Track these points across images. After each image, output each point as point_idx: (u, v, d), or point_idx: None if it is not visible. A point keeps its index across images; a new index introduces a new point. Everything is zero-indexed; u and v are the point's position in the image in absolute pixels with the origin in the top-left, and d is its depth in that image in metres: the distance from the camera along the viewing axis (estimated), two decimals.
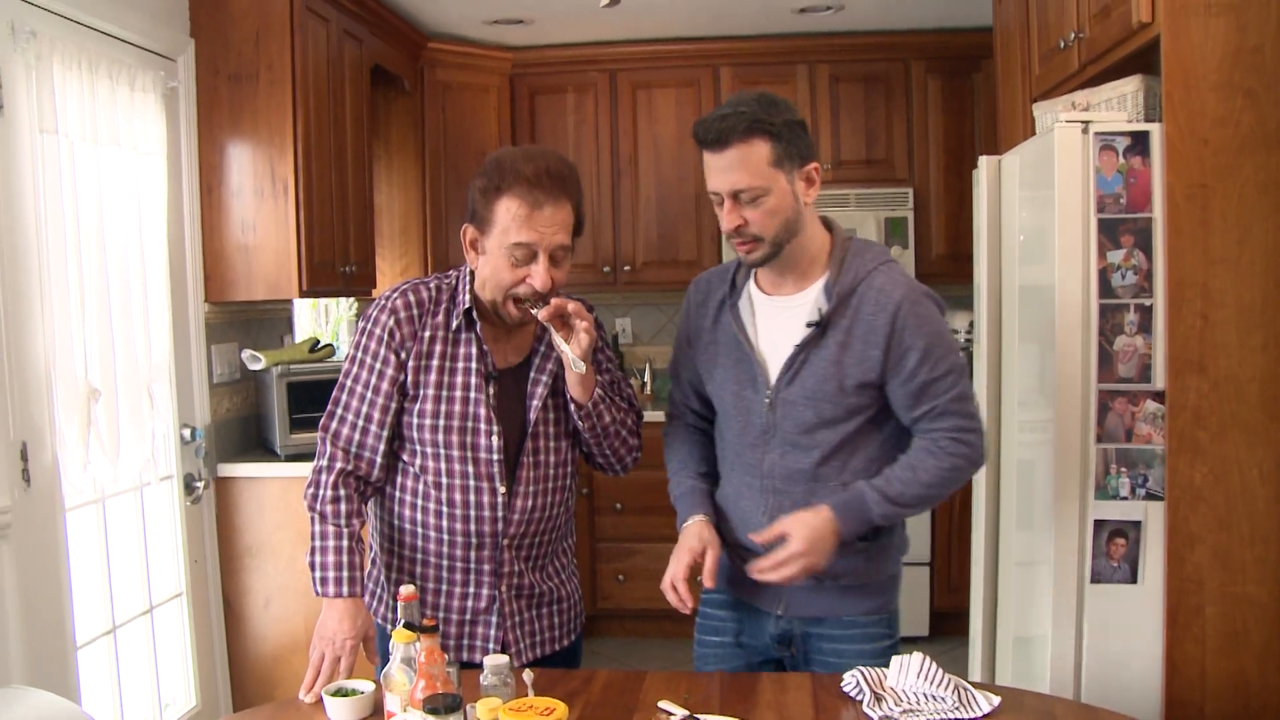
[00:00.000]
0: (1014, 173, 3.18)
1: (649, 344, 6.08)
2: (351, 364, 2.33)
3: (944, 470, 2.20)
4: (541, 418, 2.34)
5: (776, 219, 2.18)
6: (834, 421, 2.23)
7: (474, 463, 2.29)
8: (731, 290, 2.36)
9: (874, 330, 2.18)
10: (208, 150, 3.90)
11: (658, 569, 2.29)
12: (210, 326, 3.97)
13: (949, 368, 2.20)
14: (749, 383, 2.30)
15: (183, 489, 3.76)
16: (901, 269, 2.27)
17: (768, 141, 2.14)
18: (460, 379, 2.29)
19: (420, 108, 5.31)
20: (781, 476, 2.28)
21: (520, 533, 2.33)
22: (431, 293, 2.33)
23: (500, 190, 2.18)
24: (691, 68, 5.53)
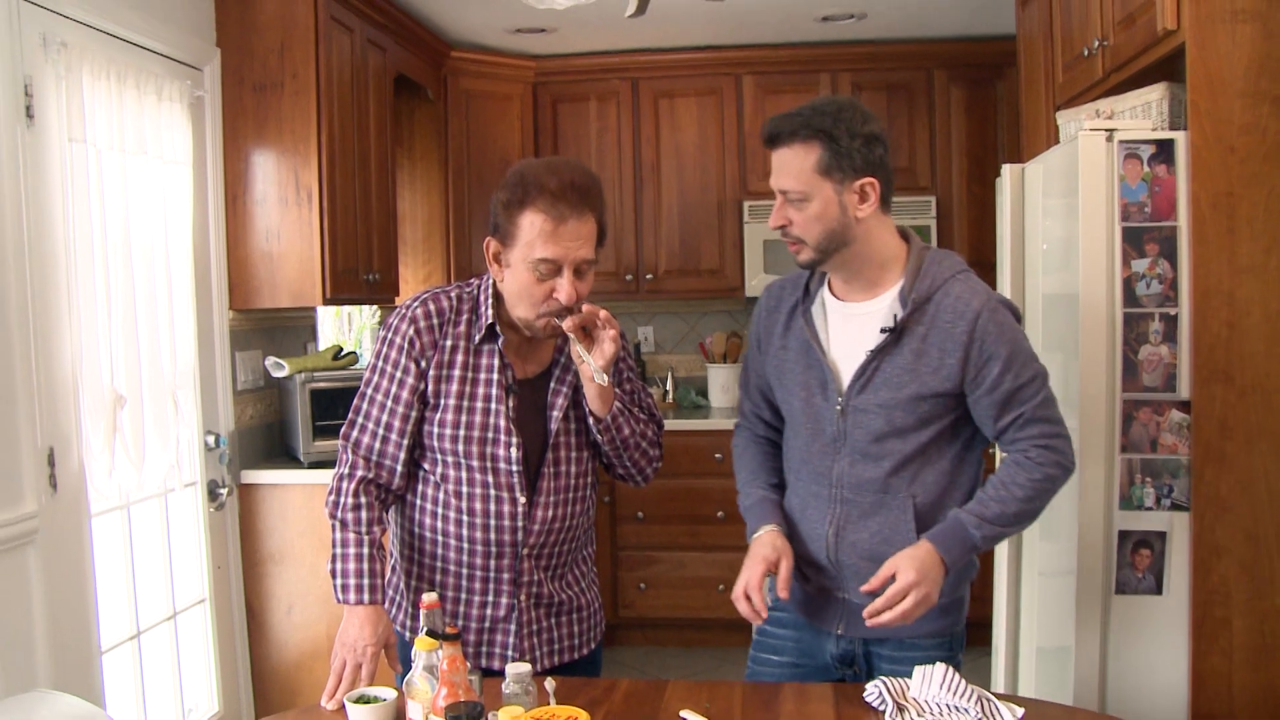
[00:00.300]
0: (1038, 181, 3.16)
1: (671, 353, 6.07)
2: (372, 373, 2.33)
3: (1037, 481, 2.16)
4: (562, 429, 2.34)
5: (818, 226, 2.17)
6: (905, 430, 2.19)
7: (494, 473, 2.28)
8: (805, 296, 2.34)
9: (952, 338, 2.15)
10: (233, 159, 3.92)
11: (679, 577, 2.28)
12: (234, 334, 3.98)
13: (1033, 374, 2.17)
14: (819, 389, 2.27)
15: (206, 495, 3.77)
16: (980, 280, 2.22)
17: (819, 147, 2.13)
18: (481, 390, 2.28)
19: (444, 116, 5.32)
20: (850, 486, 2.25)
21: (540, 542, 2.33)
22: (452, 302, 2.32)
23: (524, 204, 2.17)
24: (713, 76, 5.53)
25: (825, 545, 2.27)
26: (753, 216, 5.43)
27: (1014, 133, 5.04)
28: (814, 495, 2.30)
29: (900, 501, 2.21)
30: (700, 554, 5.26)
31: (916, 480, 2.21)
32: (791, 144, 2.16)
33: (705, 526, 5.26)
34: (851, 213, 2.16)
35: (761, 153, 5.43)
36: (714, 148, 5.55)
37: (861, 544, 2.23)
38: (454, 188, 5.36)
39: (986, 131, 5.38)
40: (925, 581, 2.09)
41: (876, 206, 2.18)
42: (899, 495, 2.21)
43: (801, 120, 2.15)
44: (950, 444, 2.23)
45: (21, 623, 2.81)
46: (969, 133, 5.39)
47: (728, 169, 5.55)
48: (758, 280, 5.43)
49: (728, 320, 6.02)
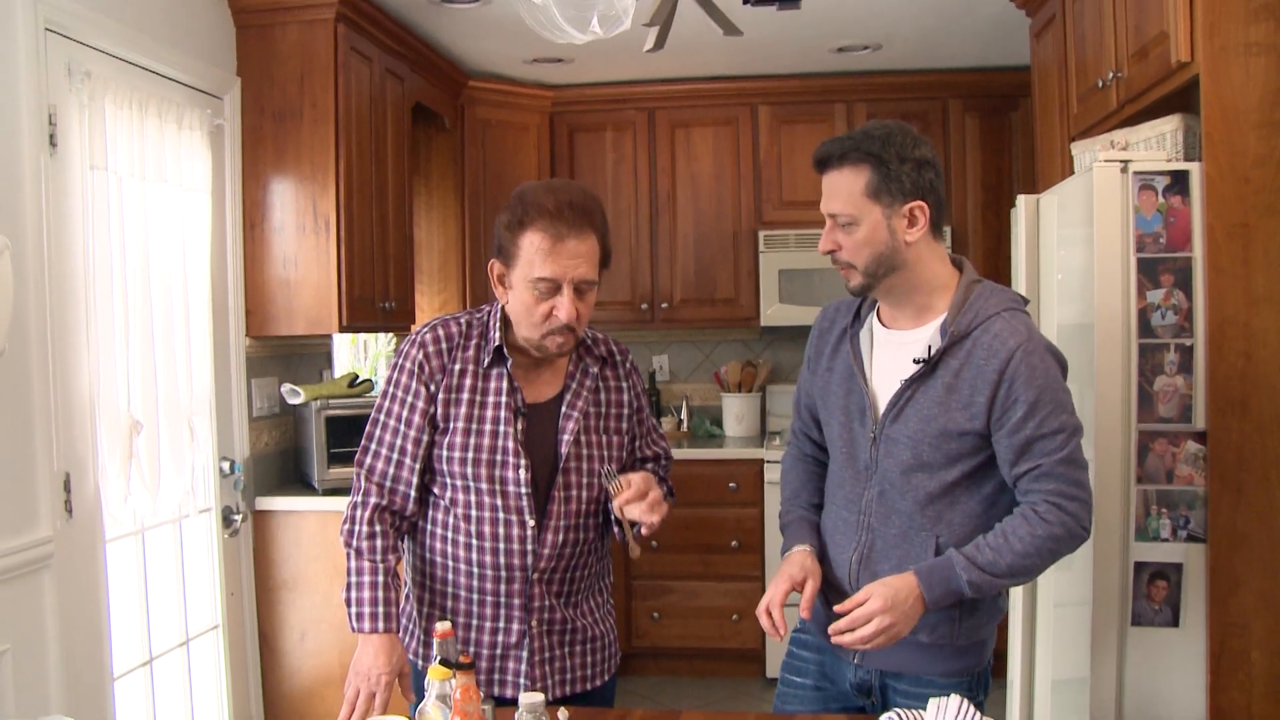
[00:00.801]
0: (1052, 212, 3.16)
1: (685, 381, 6.07)
2: (384, 399, 2.35)
3: (1039, 539, 2.08)
4: (574, 453, 2.34)
5: (866, 250, 2.16)
6: (931, 466, 2.16)
7: (502, 495, 2.29)
8: (855, 320, 2.34)
9: (982, 376, 2.11)
10: (251, 186, 3.94)
11: (693, 607, 2.28)
12: (251, 360, 3.99)
13: (1058, 427, 2.09)
14: (858, 415, 2.26)
15: (220, 522, 3.77)
16: (1028, 320, 2.18)
17: (868, 170, 2.13)
18: (490, 413, 2.30)
19: (460, 145, 5.35)
20: (878, 515, 2.23)
21: (550, 567, 2.32)
22: (461, 327, 2.36)
23: (524, 224, 2.21)
24: (729, 106, 5.54)
25: (848, 572, 2.26)
26: (768, 246, 5.42)
27: (1029, 163, 5.03)
28: (843, 521, 2.29)
29: (924, 539, 2.18)
30: (714, 584, 5.23)
31: (941, 520, 2.18)
32: (841, 167, 2.16)
33: (719, 556, 5.24)
34: (900, 237, 2.15)
35: (777, 182, 5.49)
36: (729, 177, 5.56)
37: (883, 575, 2.19)
38: (470, 216, 5.37)
39: (1001, 162, 5.38)
40: (892, 612, 2.07)
41: (926, 231, 2.17)
42: (922, 533, 2.19)
43: (851, 143, 2.15)
44: (979, 486, 2.19)
45: (35, 648, 2.81)
46: (984, 163, 5.39)
47: (743, 198, 5.55)
48: (773, 310, 5.43)
49: (742, 350, 6.01)
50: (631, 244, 5.60)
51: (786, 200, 5.52)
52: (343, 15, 3.94)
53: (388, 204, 4.40)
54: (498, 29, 4.58)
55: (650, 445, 2.54)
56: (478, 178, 5.40)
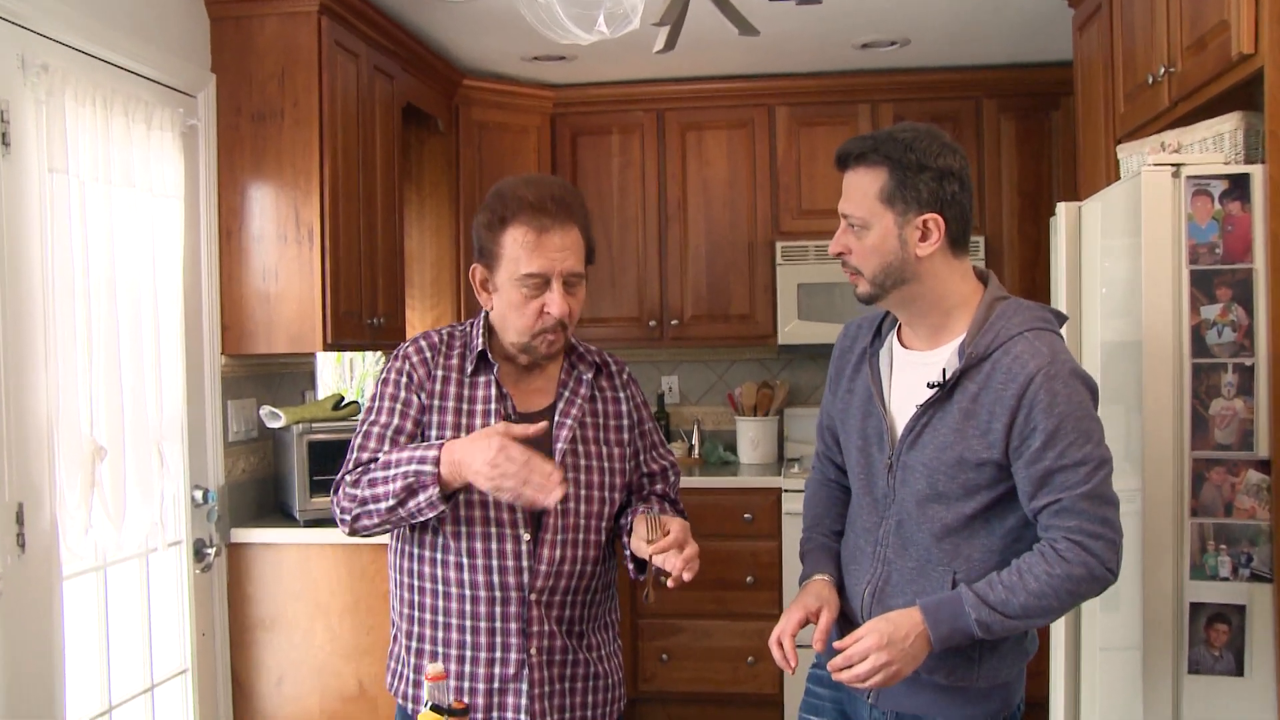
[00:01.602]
0: (1096, 220, 3.15)
1: (697, 404, 6.06)
2: (370, 412, 2.38)
3: (1056, 579, 2.07)
4: (571, 463, 2.37)
5: (875, 258, 2.19)
6: (948, 497, 2.17)
7: (493, 506, 2.31)
8: (875, 339, 2.37)
9: (1000, 402, 2.10)
10: (228, 192, 3.93)
11: (704, 648, 2.28)
12: (227, 381, 3.97)
13: (1081, 459, 2.08)
14: (876, 440, 2.29)
15: (192, 556, 3.74)
16: (1056, 341, 2.16)
17: (884, 174, 2.15)
18: (479, 421, 2.34)
19: (455, 149, 5.35)
20: (894, 547, 2.25)
21: (548, 586, 2.34)
22: (443, 337, 2.43)
23: (505, 221, 2.27)
24: (745, 107, 5.54)
25: (861, 605, 2.28)
26: (786, 258, 5.42)
27: (1070, 168, 4.96)
28: (860, 551, 2.31)
29: (940, 574, 2.18)
30: (727, 623, 5.21)
31: (959, 555, 2.18)
32: (858, 167, 2.19)
33: (733, 593, 5.21)
34: (911, 249, 2.16)
35: (795, 189, 5.51)
36: (745, 184, 5.56)
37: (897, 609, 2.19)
38: (465, 225, 5.35)
39: (1040, 166, 5.37)
40: (889, 649, 2.08)
41: (939, 246, 2.17)
42: (939, 568, 2.19)
43: (873, 143, 2.17)
44: (1000, 519, 2.18)
45: None
46: (1021, 168, 5.38)
47: (759, 207, 5.55)
48: (791, 327, 5.41)
49: (758, 370, 6.00)
50: (639, 256, 5.61)
51: (806, 209, 5.52)
52: (327, 8, 3.93)
53: (376, 212, 4.39)
54: (495, 24, 4.58)
55: (656, 459, 2.58)
56: (473, 184, 5.39)
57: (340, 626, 3.89)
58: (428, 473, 2.18)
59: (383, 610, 3.85)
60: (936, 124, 5.46)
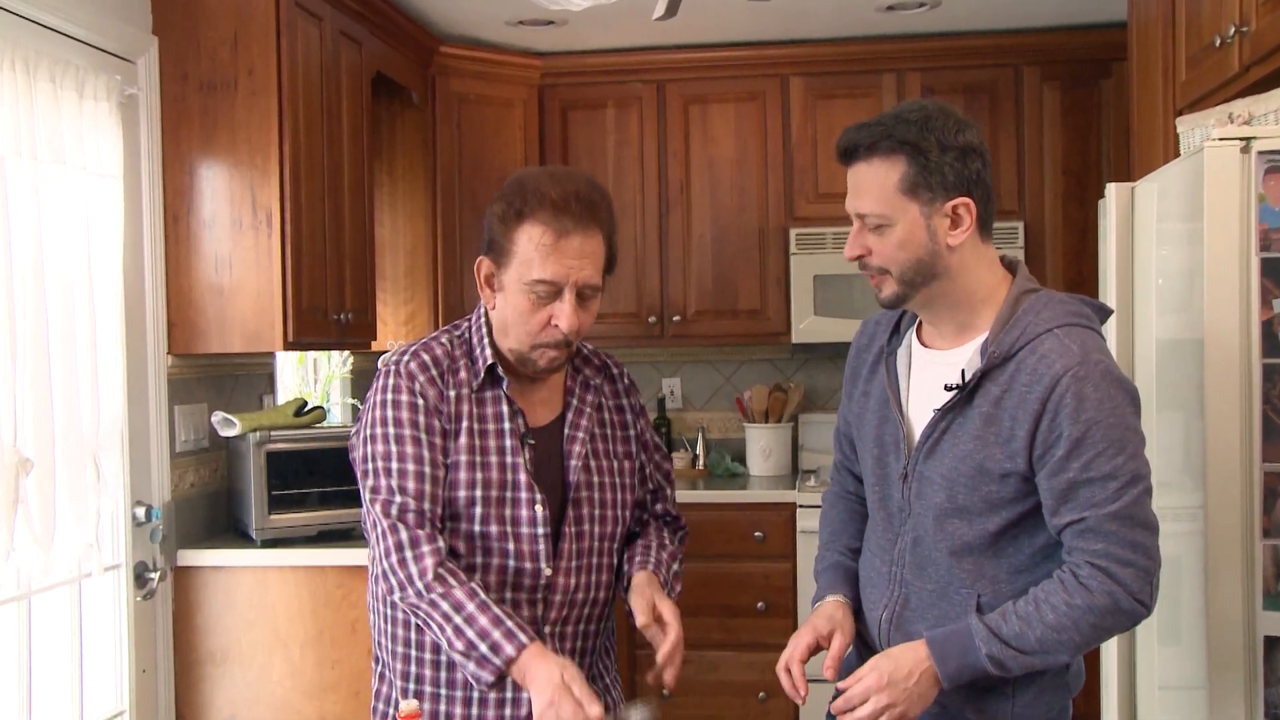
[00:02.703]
0: (1151, 203, 3.12)
1: (702, 409, 6.06)
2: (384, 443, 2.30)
3: (1077, 610, 2.07)
4: (583, 480, 2.40)
5: (903, 255, 2.18)
6: (969, 512, 2.17)
7: (514, 539, 2.31)
8: (892, 337, 2.38)
9: (1024, 406, 2.10)
10: (174, 171, 3.90)
11: (711, 682, 2.31)
12: (173, 384, 3.95)
13: (1110, 472, 2.06)
14: (892, 447, 2.30)
15: (132, 581, 3.71)
16: (1090, 339, 2.15)
17: (903, 162, 2.14)
18: (494, 442, 2.34)
19: (431, 124, 5.34)
20: (911, 567, 2.26)
21: (563, 616, 2.37)
22: (445, 347, 2.38)
23: (522, 216, 2.25)
24: (755, 78, 5.53)
25: (879, 632, 2.30)
26: (801, 247, 5.40)
27: (1122, 144, 4.98)
28: (876, 571, 2.33)
29: (963, 597, 2.19)
30: (736, 654, 5.20)
31: (983, 575, 2.19)
32: (870, 158, 2.17)
33: (743, 620, 5.21)
34: (942, 239, 2.16)
35: (812, 170, 5.52)
36: (755, 164, 5.56)
37: (916, 636, 2.20)
38: (443, 211, 5.36)
39: (1088, 142, 5.35)
40: (891, 690, 2.10)
41: (972, 232, 2.17)
42: (962, 590, 2.20)
43: (882, 130, 2.15)
44: (1029, 536, 2.18)
45: None
46: (1066, 144, 5.36)
47: (771, 190, 5.54)
48: (807, 324, 5.41)
49: (770, 371, 6.00)
50: (637, 244, 5.60)
51: (823, 192, 5.50)
52: None
53: (343, 195, 4.38)
54: None
55: (657, 470, 2.61)
56: (452, 164, 5.38)
57: (302, 660, 3.86)
58: (494, 664, 2.17)
59: (349, 642, 3.83)
60: (971, 95, 5.56)
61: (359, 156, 4.52)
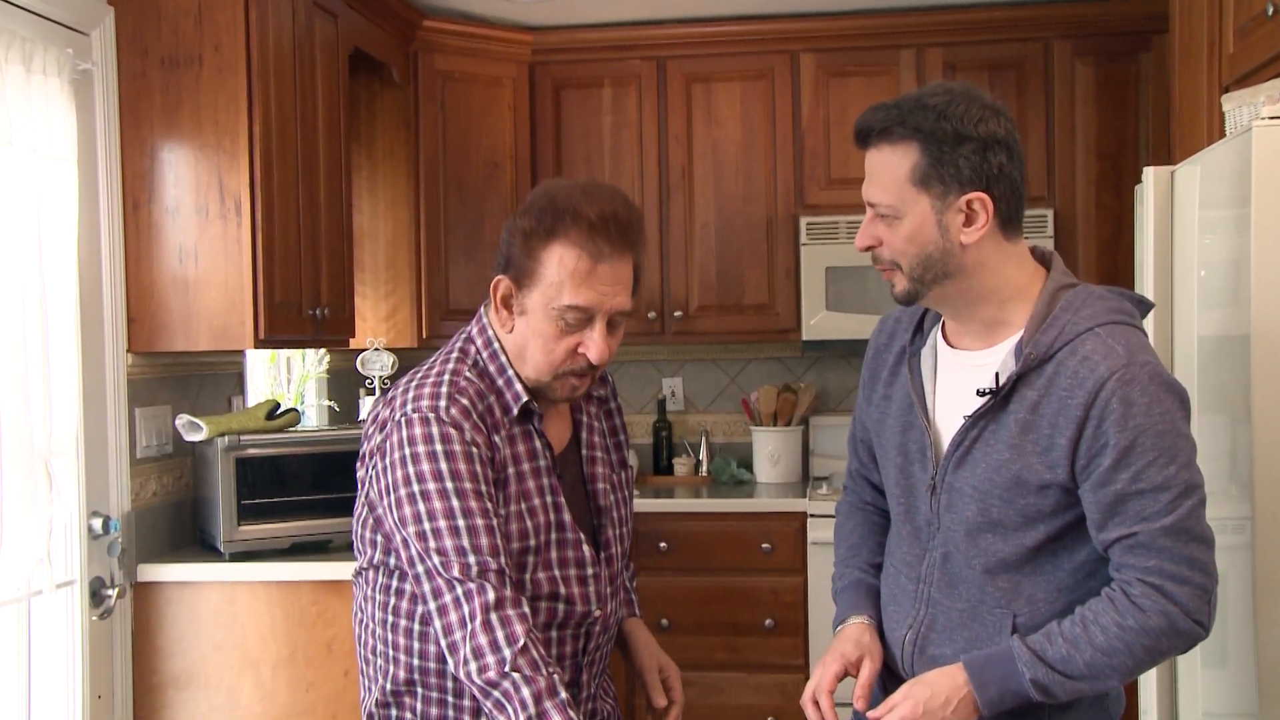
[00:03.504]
0: (1193, 187, 3.12)
1: (705, 411, 6.07)
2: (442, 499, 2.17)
3: (1129, 632, 2.06)
4: (607, 505, 2.43)
5: (912, 250, 2.17)
6: (1004, 527, 2.16)
7: (564, 583, 2.29)
8: (915, 336, 2.38)
9: (1065, 412, 2.08)
10: (133, 154, 3.88)
11: (715, 705, 2.36)
12: (134, 384, 3.93)
13: (1162, 483, 2.05)
14: (918, 455, 2.30)
15: (88, 599, 3.66)
16: (1135, 338, 2.14)
17: (916, 151, 2.13)
18: (532, 483, 2.30)
19: (413, 104, 5.33)
20: (940, 585, 2.26)
21: (598, 645, 2.40)
22: (475, 384, 2.27)
23: (553, 235, 2.20)
24: (763, 54, 5.53)
25: (902, 654, 2.31)
26: (812, 237, 5.39)
27: (1162, 124, 4.98)
28: (900, 589, 2.34)
29: (996, 619, 2.20)
30: (743, 675, 5.20)
31: (1019, 594, 2.19)
32: (881, 144, 2.17)
33: (749, 639, 5.20)
34: (955, 236, 2.15)
35: (824, 154, 5.53)
36: (763, 147, 5.55)
37: (944, 661, 2.21)
38: (426, 198, 5.36)
39: (1124, 123, 5.33)
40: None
41: (988, 230, 2.15)
42: (996, 610, 2.20)
43: (897, 114, 2.14)
44: (1069, 552, 2.18)
45: None
46: (1100, 124, 5.34)
47: (780, 175, 5.54)
48: (818, 319, 5.40)
49: (779, 370, 6.00)
50: None
51: (836, 178, 5.50)
52: None
53: (318, 180, 4.36)
54: None
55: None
56: (435, 147, 5.37)
57: (274, 682, 3.84)
58: None
59: (325, 662, 3.82)
60: (996, 72, 5.53)
61: (335, 139, 4.50)
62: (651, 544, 5.17)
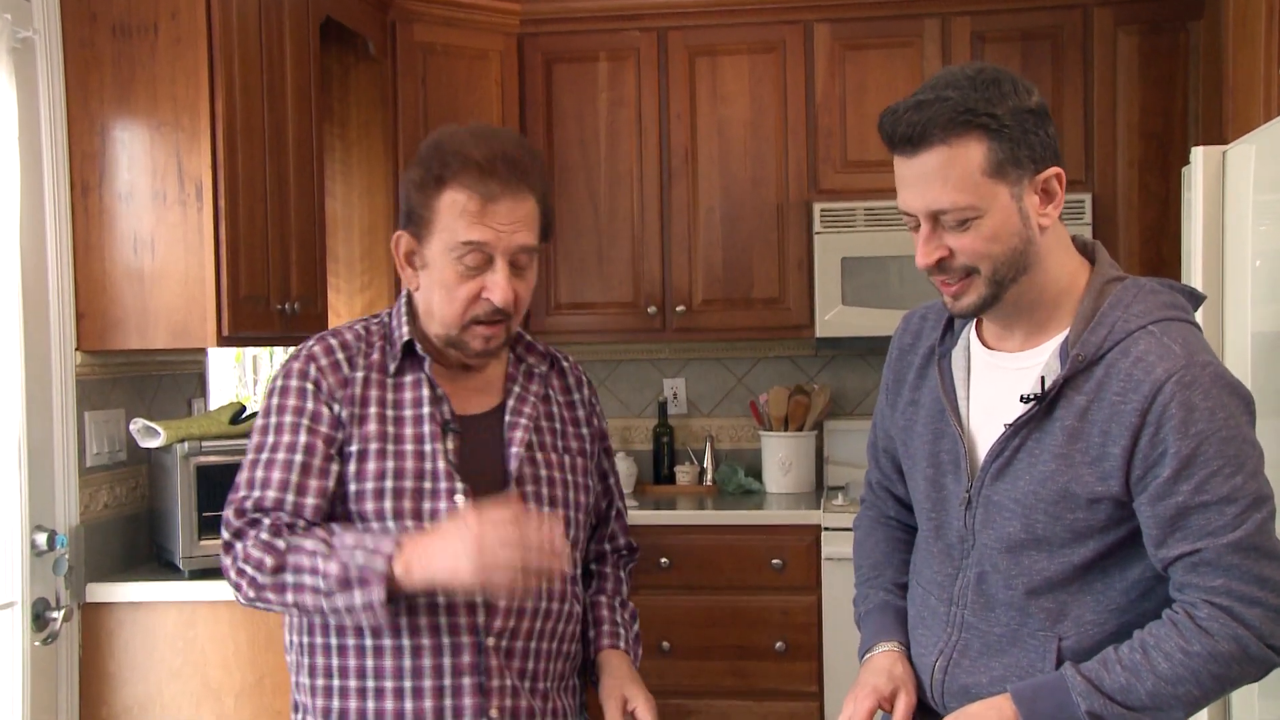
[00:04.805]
0: (1247, 169, 3.09)
1: (710, 415, 6.08)
2: (265, 434, 2.43)
3: (1196, 659, 2.04)
4: (529, 474, 2.49)
5: (997, 247, 2.14)
6: (1050, 543, 2.15)
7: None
8: (945, 336, 2.38)
9: (1118, 419, 2.07)
10: (82, 133, 3.87)
11: None
12: (84, 386, 3.92)
13: (1228, 495, 2.03)
14: (950, 466, 2.30)
15: (30, 622, 3.62)
16: (1193, 336, 2.13)
17: (984, 140, 2.10)
18: (410, 430, 2.43)
19: (391, 79, 5.32)
20: (975, 607, 2.25)
21: (510, 627, 2.41)
22: (359, 333, 2.50)
23: (443, 181, 2.34)
24: (773, 24, 5.52)
25: (931, 681, 2.31)
26: (826, 225, 5.38)
27: (1214, 100, 4.89)
28: (930, 610, 2.34)
29: (1039, 643, 2.19)
30: (751, 703, 5.20)
31: (1066, 615, 2.18)
32: (941, 144, 2.11)
33: (759, 664, 5.19)
34: (1035, 221, 2.15)
35: (839, 135, 5.53)
36: (773, 127, 5.54)
37: (978, 691, 2.22)
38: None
39: (1171, 99, 5.31)
40: None
41: (1060, 209, 2.18)
42: (1038, 634, 2.20)
43: (949, 106, 2.09)
44: (1122, 570, 2.17)
45: None
46: (1144, 102, 5.32)
47: (792, 157, 5.52)
48: (834, 315, 5.39)
49: (790, 371, 6.00)
50: (634, 222, 5.60)
51: (853, 160, 5.49)
52: None
53: (287, 163, 4.36)
54: None
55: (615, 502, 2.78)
56: (415, 126, 5.35)
57: (238, 713, 3.82)
58: (375, 568, 2.22)
59: None
60: (1030, 44, 5.56)
61: (306, 117, 4.51)
62: (652, 559, 5.15)
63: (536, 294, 5.47)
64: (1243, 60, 3.87)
